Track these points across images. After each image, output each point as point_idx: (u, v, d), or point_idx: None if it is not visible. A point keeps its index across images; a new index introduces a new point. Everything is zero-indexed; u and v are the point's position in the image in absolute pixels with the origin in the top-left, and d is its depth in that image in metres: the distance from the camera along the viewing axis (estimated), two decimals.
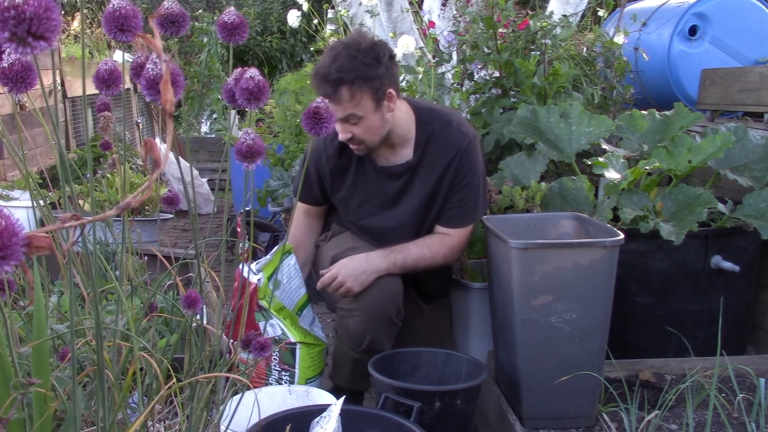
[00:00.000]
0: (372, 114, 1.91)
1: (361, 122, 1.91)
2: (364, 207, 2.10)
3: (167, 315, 1.70)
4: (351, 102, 1.87)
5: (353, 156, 2.07)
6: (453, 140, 2.03)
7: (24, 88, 0.81)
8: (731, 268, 2.09)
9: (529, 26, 2.95)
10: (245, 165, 0.99)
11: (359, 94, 1.87)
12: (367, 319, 1.92)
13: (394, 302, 1.94)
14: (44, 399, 0.96)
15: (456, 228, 2.06)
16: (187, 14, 0.95)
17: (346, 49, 1.87)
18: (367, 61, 1.86)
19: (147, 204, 3.63)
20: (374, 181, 2.08)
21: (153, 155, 0.68)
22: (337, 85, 1.85)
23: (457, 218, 2.06)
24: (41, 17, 0.58)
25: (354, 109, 1.89)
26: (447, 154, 2.02)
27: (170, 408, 1.42)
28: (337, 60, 1.86)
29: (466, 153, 2.02)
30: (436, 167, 2.03)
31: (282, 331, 1.99)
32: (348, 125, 1.93)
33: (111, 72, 0.95)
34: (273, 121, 3.88)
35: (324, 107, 1.04)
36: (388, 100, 1.92)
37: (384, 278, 1.94)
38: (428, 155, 2.04)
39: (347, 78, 1.84)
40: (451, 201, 2.05)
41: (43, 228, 0.63)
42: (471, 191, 2.05)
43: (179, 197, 1.46)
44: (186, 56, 7.63)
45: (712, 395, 1.53)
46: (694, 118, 2.49)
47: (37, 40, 0.59)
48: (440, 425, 1.68)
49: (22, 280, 1.52)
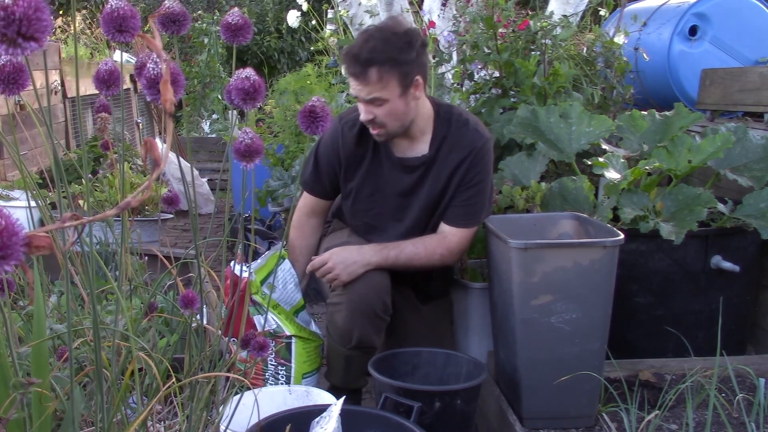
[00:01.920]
0: (397, 99, 1.91)
1: (385, 105, 1.91)
2: (375, 198, 2.10)
3: (167, 315, 1.70)
4: (378, 84, 1.88)
5: (370, 146, 2.06)
6: (468, 138, 2.03)
7: (16, 90, 0.81)
8: (731, 268, 2.09)
9: (529, 26, 2.95)
10: (244, 164, 0.99)
11: (387, 77, 1.87)
12: (353, 314, 1.92)
13: (380, 297, 1.94)
14: (43, 399, 0.96)
15: (458, 227, 2.05)
16: (188, 13, 0.95)
17: (380, 32, 1.89)
18: (399, 45, 1.87)
19: (147, 204, 3.63)
20: (388, 172, 2.07)
21: (153, 155, 0.68)
22: (367, 65, 1.86)
23: (461, 218, 2.05)
24: (31, 18, 0.58)
25: (380, 92, 1.89)
26: (461, 152, 2.02)
27: (170, 408, 1.42)
28: (369, 41, 1.86)
29: (480, 153, 2.02)
30: (448, 164, 2.03)
31: (277, 324, 1.99)
32: (371, 106, 1.92)
33: (111, 72, 0.95)
34: (273, 121, 3.88)
35: (320, 106, 1.04)
36: (415, 88, 1.93)
37: (370, 272, 1.95)
38: (443, 151, 2.04)
39: (378, 59, 1.85)
40: (458, 199, 2.04)
41: (43, 227, 0.63)
42: (479, 192, 2.04)
43: (179, 197, 1.46)
44: (186, 56, 7.63)
45: (712, 395, 1.53)
46: (694, 118, 2.49)
47: (27, 41, 0.59)
48: (440, 425, 1.68)
49: (21, 280, 1.52)
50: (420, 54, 1.92)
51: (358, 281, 1.94)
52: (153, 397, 1.14)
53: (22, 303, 1.47)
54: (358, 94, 1.92)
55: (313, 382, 2.04)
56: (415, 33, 1.94)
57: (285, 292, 2.07)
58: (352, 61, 1.87)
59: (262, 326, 1.90)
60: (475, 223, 2.06)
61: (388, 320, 1.98)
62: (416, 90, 1.93)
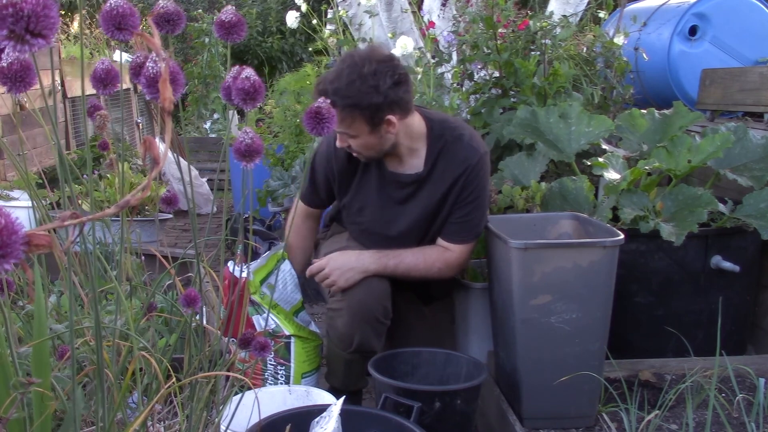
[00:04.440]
0: (367, 135, 1.89)
1: (357, 138, 1.90)
2: (365, 212, 2.08)
3: (167, 315, 1.70)
4: (344, 122, 1.86)
5: (362, 161, 2.05)
6: (463, 155, 1.99)
7: (23, 88, 0.81)
8: (731, 268, 2.09)
9: (529, 26, 2.95)
10: (244, 164, 0.99)
11: (351, 118, 1.85)
12: (353, 319, 1.92)
13: (381, 302, 1.94)
14: (44, 398, 0.96)
15: (456, 243, 2.02)
16: (182, 13, 0.95)
17: (349, 70, 1.83)
18: (364, 89, 1.81)
19: (147, 204, 3.63)
20: (379, 186, 2.05)
21: (152, 153, 0.68)
22: (332, 105, 1.84)
23: (459, 234, 2.02)
24: (39, 15, 0.58)
25: (348, 129, 1.88)
26: (456, 169, 1.98)
27: (170, 408, 1.41)
28: (335, 81, 1.83)
29: (475, 170, 1.98)
30: (444, 180, 2.00)
31: (276, 324, 1.99)
32: (345, 136, 1.92)
33: (108, 71, 0.95)
34: (273, 121, 3.88)
35: (326, 107, 1.04)
36: (387, 125, 1.88)
37: (370, 278, 1.94)
38: (438, 168, 2.00)
39: (340, 103, 1.81)
40: (455, 216, 2.01)
41: (43, 226, 0.63)
42: (475, 208, 2.00)
43: (178, 197, 1.45)
44: (186, 56, 7.63)
45: (712, 395, 1.53)
46: (693, 118, 2.49)
47: (35, 37, 0.59)
48: (440, 425, 1.68)
49: (21, 281, 1.52)
50: (389, 94, 1.83)
51: (359, 287, 1.93)
52: (153, 397, 1.14)
53: (21, 303, 1.46)
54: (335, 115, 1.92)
55: (313, 381, 2.05)
56: (385, 73, 1.83)
57: (285, 293, 2.07)
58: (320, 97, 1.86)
59: (262, 326, 1.90)
60: (473, 238, 2.03)
61: (388, 324, 1.97)
62: (389, 126, 1.88)
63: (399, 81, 1.86)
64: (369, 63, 1.83)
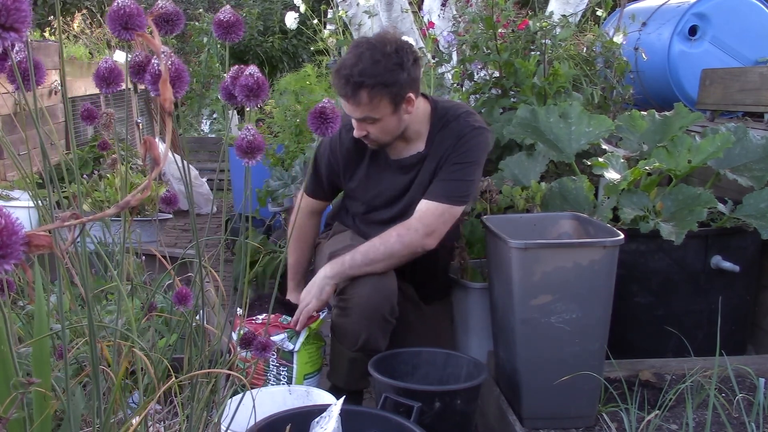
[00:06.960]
0: (389, 117, 1.93)
1: (378, 123, 1.93)
2: (377, 200, 2.12)
3: (167, 315, 1.70)
4: (369, 105, 1.88)
5: (368, 148, 2.08)
6: (458, 128, 2.03)
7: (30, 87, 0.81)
8: (731, 268, 2.09)
9: (529, 26, 2.95)
10: (245, 161, 0.99)
11: (378, 99, 1.88)
12: (360, 318, 1.92)
13: (388, 300, 1.94)
14: (44, 398, 0.96)
15: (433, 201, 1.97)
16: (181, 13, 0.95)
17: (370, 51, 1.86)
18: (390, 66, 1.85)
19: (147, 204, 3.63)
20: (386, 173, 2.09)
21: (152, 153, 0.68)
22: (358, 88, 1.85)
23: (432, 192, 1.99)
24: (10, 8, 0.58)
25: (371, 112, 1.90)
26: (450, 140, 2.03)
27: (170, 408, 1.41)
28: (360, 62, 1.85)
29: (465, 138, 2.01)
30: (438, 153, 2.04)
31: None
32: (364, 124, 1.95)
33: (111, 70, 0.95)
34: (273, 121, 3.87)
35: (330, 107, 1.03)
36: (407, 104, 1.93)
37: (377, 276, 1.94)
38: (435, 143, 2.05)
39: (368, 82, 1.84)
40: (439, 176, 2.02)
41: (43, 227, 0.63)
42: (460, 170, 1.99)
43: (177, 197, 1.46)
44: (186, 56, 7.62)
45: (712, 395, 1.53)
46: (693, 118, 2.49)
47: (7, 31, 0.58)
48: (440, 425, 1.68)
49: (21, 281, 1.52)
50: (411, 71, 1.90)
51: (367, 285, 1.93)
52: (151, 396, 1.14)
53: (21, 303, 1.46)
54: (351, 114, 1.94)
55: (315, 383, 2.04)
56: (406, 50, 1.90)
57: None
58: (343, 83, 1.87)
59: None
60: (452, 201, 1.97)
61: (394, 323, 1.97)
62: (408, 105, 1.93)
63: (416, 58, 1.94)
64: (389, 43, 1.88)
